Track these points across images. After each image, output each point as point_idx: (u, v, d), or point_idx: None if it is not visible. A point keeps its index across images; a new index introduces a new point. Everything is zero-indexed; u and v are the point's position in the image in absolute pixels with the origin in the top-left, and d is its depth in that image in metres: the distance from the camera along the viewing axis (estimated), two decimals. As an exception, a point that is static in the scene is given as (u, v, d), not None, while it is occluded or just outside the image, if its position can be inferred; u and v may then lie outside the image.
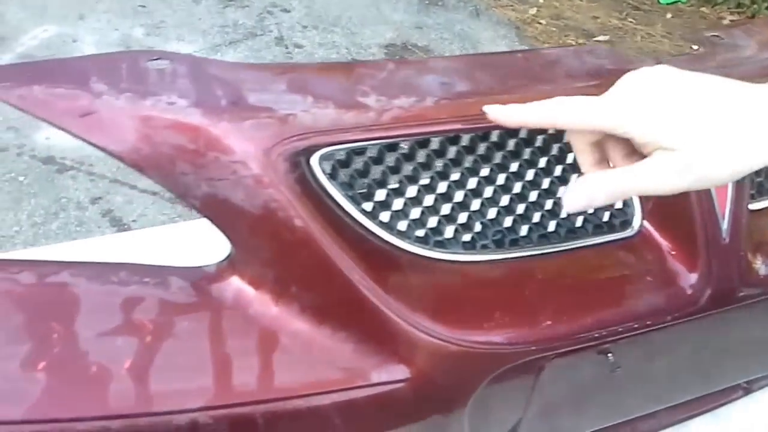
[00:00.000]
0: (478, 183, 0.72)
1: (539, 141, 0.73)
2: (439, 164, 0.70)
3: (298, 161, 0.64)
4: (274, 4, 3.87)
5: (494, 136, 0.71)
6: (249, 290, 0.66)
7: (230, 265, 0.67)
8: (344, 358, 0.66)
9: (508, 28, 4.04)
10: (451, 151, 0.70)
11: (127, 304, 0.64)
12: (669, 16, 4.31)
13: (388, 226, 0.68)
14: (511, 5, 4.25)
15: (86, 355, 0.61)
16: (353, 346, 0.66)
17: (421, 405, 0.69)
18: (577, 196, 0.59)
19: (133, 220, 2.57)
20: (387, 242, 0.68)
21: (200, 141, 0.62)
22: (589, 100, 0.60)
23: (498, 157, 0.72)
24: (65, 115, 0.62)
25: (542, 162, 0.74)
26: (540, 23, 4.15)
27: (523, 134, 0.72)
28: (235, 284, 0.66)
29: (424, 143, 0.69)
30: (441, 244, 0.70)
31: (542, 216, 0.74)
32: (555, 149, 0.74)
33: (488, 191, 0.72)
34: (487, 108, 0.60)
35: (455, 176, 0.71)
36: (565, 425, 0.86)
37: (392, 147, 0.68)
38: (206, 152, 0.62)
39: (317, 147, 0.64)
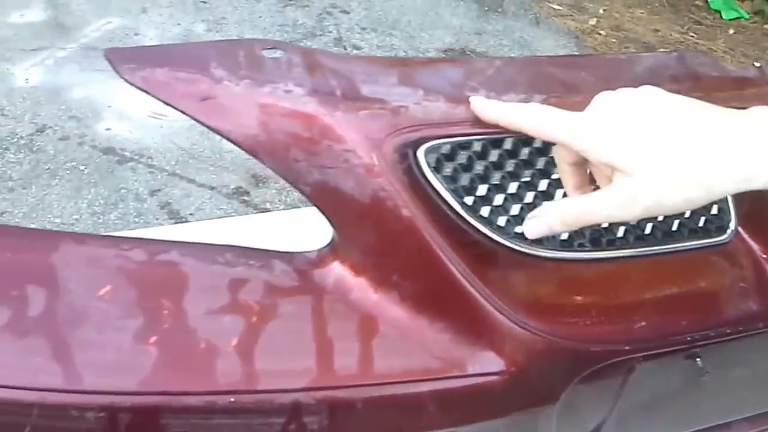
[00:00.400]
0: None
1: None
2: (540, 162, 0.71)
3: (407, 153, 0.65)
4: (334, 4, 3.91)
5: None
6: (350, 276, 0.67)
7: (332, 252, 0.68)
8: (441, 347, 0.67)
9: (567, 38, 4.02)
10: (554, 150, 0.71)
11: (234, 284, 0.66)
12: (731, 31, 4.26)
13: (488, 221, 0.69)
14: (571, 14, 4.24)
15: (195, 332, 0.63)
16: (450, 336, 0.67)
17: (514, 398, 0.69)
18: (537, 224, 0.63)
19: (190, 214, 2.62)
20: (486, 236, 0.68)
21: (315, 129, 0.64)
22: (564, 114, 0.61)
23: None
24: (186, 98, 0.64)
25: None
26: (600, 34, 4.13)
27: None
28: (337, 270, 0.68)
29: (527, 140, 0.70)
30: (539, 241, 0.70)
31: (639, 218, 0.74)
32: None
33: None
34: (473, 98, 0.64)
35: (556, 174, 0.71)
36: (645, 429, 0.86)
37: (496, 143, 0.69)
38: (320, 140, 0.64)
39: (426, 139, 0.65)
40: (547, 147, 0.70)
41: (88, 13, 3.60)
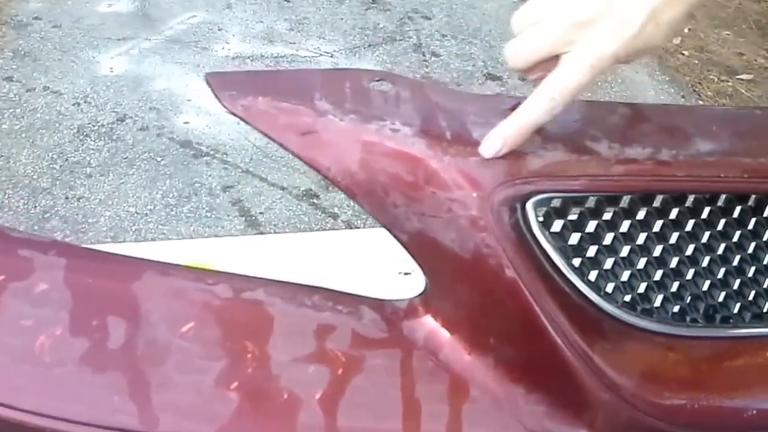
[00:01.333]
0: (695, 250, 0.66)
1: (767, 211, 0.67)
2: (657, 224, 0.65)
3: (515, 206, 0.60)
4: (416, 10, 3.87)
5: (721, 200, 0.66)
6: (443, 333, 0.63)
7: (424, 303, 0.64)
8: (535, 420, 0.62)
9: (650, 57, 3.89)
10: (673, 212, 0.65)
11: (320, 330, 0.63)
12: (818, 60, 4.06)
13: (596, 286, 0.64)
14: (659, 35, 4.10)
15: (278, 379, 0.60)
16: (546, 408, 0.62)
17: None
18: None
19: (261, 212, 2.62)
20: (593, 303, 0.63)
21: (419, 173, 0.60)
22: None
23: (721, 223, 0.66)
24: (286, 130, 0.60)
25: (766, 235, 0.68)
26: (683, 54, 3.99)
27: (751, 202, 0.66)
28: (429, 324, 0.63)
29: (646, 199, 0.64)
30: (648, 313, 0.65)
31: (757, 294, 0.68)
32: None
33: (705, 260, 0.66)
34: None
35: (672, 239, 0.65)
36: None
37: (612, 200, 0.64)
38: (424, 186, 0.60)
39: (537, 192, 0.61)
40: (667, 209, 0.65)
41: (174, 6, 3.64)
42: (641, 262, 0.65)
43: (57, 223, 2.43)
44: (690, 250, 0.66)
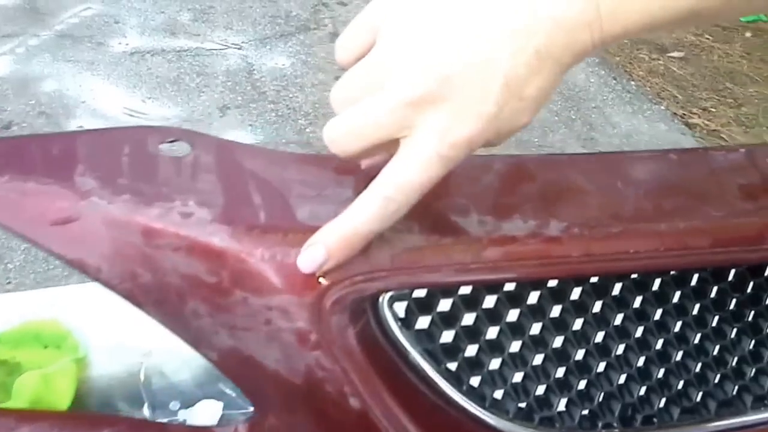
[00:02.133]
0: (605, 336, 0.51)
1: (694, 280, 0.53)
2: (554, 311, 0.50)
3: (363, 308, 0.44)
4: (331, -5, 3.67)
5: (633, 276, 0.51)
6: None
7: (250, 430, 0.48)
8: None
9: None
10: (573, 292, 0.50)
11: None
12: (748, 34, 4.02)
13: (479, 395, 0.48)
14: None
15: None
16: None
17: None
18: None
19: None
20: (476, 419, 0.48)
21: (224, 273, 0.43)
22: None
23: (635, 302, 0.52)
24: (35, 221, 0.43)
25: (693, 310, 0.53)
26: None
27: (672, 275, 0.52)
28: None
29: (537, 284, 0.49)
30: (550, 422, 0.50)
31: (686, 383, 0.54)
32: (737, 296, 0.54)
33: (619, 348, 0.52)
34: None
35: (575, 326, 0.50)
36: None
37: (493, 287, 0.48)
38: (232, 289, 0.43)
39: (391, 289, 0.45)
40: (566, 290, 0.49)
41: (66, -3, 3.36)
42: (536, 359, 0.50)
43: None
44: (598, 337, 0.51)
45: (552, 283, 0.49)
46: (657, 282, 0.51)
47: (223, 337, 0.44)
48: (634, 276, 0.51)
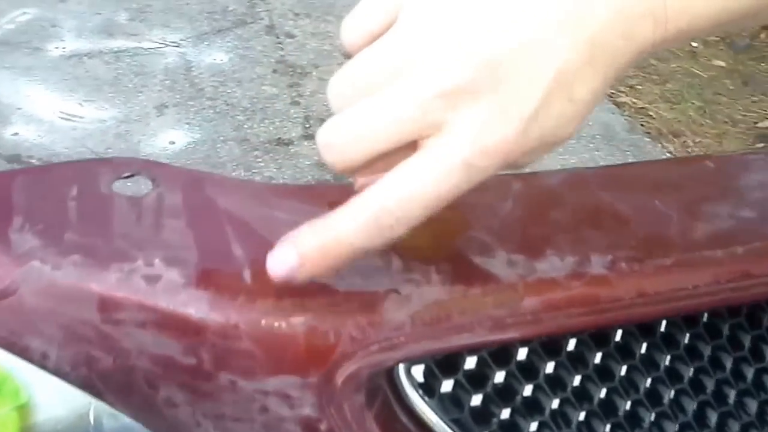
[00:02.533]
0: (654, 381, 0.44)
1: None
2: (596, 357, 0.42)
3: (379, 384, 0.36)
4: (266, -11, 3.55)
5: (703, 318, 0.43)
6: None
7: None
8: None
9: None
10: (617, 334, 0.42)
11: None
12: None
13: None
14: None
15: None
16: None
17: None
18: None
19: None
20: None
21: (205, 352, 0.34)
22: None
23: (686, 338, 0.44)
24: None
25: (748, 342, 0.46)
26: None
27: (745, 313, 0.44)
28: None
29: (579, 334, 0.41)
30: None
31: (744, 427, 0.47)
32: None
33: (671, 393, 0.44)
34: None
35: (621, 373, 0.43)
36: None
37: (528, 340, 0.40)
38: (215, 373, 0.34)
39: (414, 358, 0.36)
40: (607, 340, 0.42)
41: (1, 3, 3.18)
42: (579, 415, 0.42)
43: None
44: (647, 383, 0.44)
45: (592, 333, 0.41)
46: (727, 326, 0.44)
47: (207, 429, 0.35)
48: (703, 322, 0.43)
